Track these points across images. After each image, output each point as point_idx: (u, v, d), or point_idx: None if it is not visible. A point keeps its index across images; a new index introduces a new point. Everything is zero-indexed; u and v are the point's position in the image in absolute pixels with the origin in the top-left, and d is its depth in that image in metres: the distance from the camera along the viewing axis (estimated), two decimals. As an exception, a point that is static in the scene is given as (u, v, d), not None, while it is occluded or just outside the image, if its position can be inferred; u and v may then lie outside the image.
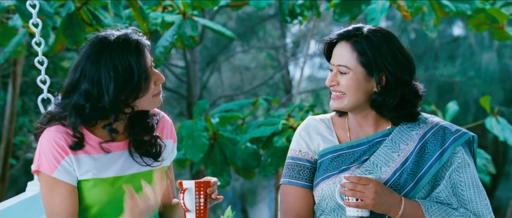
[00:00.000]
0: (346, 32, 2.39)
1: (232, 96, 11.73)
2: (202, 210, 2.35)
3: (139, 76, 2.30)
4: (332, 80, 2.39)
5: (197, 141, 5.12)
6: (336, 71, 2.39)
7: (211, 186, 2.33)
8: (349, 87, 2.37)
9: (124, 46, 2.31)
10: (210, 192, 2.32)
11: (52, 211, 2.34)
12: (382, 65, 2.35)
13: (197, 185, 2.33)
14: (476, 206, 2.36)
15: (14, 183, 8.53)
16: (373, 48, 2.35)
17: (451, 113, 5.13)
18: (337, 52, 2.40)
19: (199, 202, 2.34)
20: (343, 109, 2.42)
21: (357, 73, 2.36)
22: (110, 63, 2.30)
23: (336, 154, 2.43)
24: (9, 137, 6.86)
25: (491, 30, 5.12)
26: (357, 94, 2.37)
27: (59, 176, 2.32)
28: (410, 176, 2.36)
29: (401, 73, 2.35)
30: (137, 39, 2.34)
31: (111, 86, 2.30)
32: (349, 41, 2.38)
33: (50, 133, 2.33)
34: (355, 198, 2.28)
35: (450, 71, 10.54)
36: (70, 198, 2.33)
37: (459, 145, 2.37)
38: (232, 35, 5.10)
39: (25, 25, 4.48)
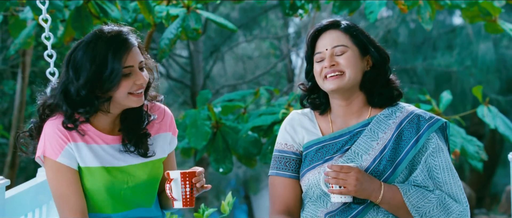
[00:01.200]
0: (333, 21, 2.52)
1: (235, 85, 11.63)
2: (188, 198, 2.40)
3: (111, 71, 2.33)
4: (331, 60, 2.46)
5: (200, 130, 5.14)
6: (331, 53, 2.47)
7: (197, 176, 2.38)
8: (350, 63, 2.45)
9: (109, 41, 2.36)
10: (195, 181, 2.38)
11: (61, 195, 2.40)
12: (369, 46, 2.49)
13: (183, 175, 2.38)
14: (450, 188, 2.44)
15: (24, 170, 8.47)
16: (359, 32, 2.50)
17: (445, 102, 5.18)
18: (328, 38, 2.49)
19: (185, 191, 2.39)
20: (342, 88, 2.47)
21: (354, 50, 2.47)
22: (91, 54, 2.34)
23: (320, 145, 2.51)
24: (18, 125, 6.83)
25: (484, 23, 5.15)
26: (355, 71, 2.46)
27: (63, 161, 2.39)
28: (389, 163, 2.44)
29: (381, 53, 2.51)
30: (125, 38, 2.38)
31: (83, 74, 2.33)
32: (337, 28, 2.49)
33: (53, 122, 2.40)
34: (338, 185, 2.36)
35: (447, 60, 10.48)
36: (76, 181, 2.40)
37: (433, 131, 2.46)
38: (234, 27, 5.11)
39: (36, 18, 4.52)
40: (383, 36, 11.04)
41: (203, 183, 2.41)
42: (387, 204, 2.38)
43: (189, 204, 2.41)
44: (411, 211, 2.38)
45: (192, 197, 2.40)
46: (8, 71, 8.37)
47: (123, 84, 2.36)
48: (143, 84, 2.39)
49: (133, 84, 2.37)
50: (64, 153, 2.39)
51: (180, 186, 2.39)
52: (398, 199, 2.38)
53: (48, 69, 3.23)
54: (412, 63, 10.99)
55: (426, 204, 2.39)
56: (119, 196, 2.45)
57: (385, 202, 2.38)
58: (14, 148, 6.64)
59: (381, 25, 11.06)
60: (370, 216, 2.42)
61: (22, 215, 2.73)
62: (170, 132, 2.58)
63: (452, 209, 2.40)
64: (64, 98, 2.37)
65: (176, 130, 2.63)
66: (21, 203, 2.72)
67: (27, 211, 2.79)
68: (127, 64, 2.35)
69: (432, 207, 2.39)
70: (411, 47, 10.98)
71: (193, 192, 2.40)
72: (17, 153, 6.66)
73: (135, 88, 2.38)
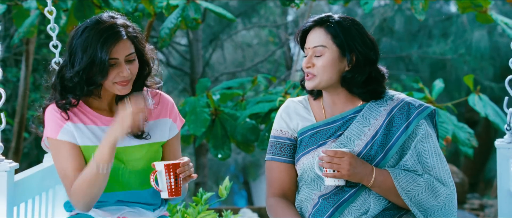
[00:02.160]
0: (319, 18, 2.56)
1: (234, 73, 11.63)
2: (173, 189, 2.45)
3: (99, 62, 2.42)
4: (308, 62, 2.54)
5: (199, 117, 5.18)
6: (312, 53, 2.53)
7: (181, 167, 2.45)
8: (325, 66, 2.50)
9: (100, 32, 2.44)
10: (179, 172, 2.44)
11: (62, 169, 2.49)
12: (352, 45, 2.50)
13: (166, 167, 2.43)
14: (438, 172, 2.52)
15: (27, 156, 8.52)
16: (344, 31, 2.51)
17: (437, 90, 5.24)
18: (312, 36, 2.54)
19: (170, 182, 2.44)
20: (317, 88, 2.55)
21: (332, 52, 2.50)
22: (84, 43, 2.44)
23: (314, 131, 2.58)
24: (22, 112, 6.87)
25: (475, 13, 5.21)
26: (330, 74, 2.51)
27: (62, 137, 2.49)
28: (380, 148, 2.51)
29: (368, 52, 2.52)
30: (116, 31, 2.46)
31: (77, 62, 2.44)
32: (322, 26, 2.53)
33: (52, 105, 2.53)
34: (332, 169, 2.44)
35: (442, 48, 10.50)
36: (74, 155, 2.48)
37: (422, 118, 2.53)
38: (232, 17, 5.13)
39: (40, 7, 4.62)
40: (379, 25, 10.99)
41: (188, 173, 2.47)
42: (378, 187, 2.47)
43: (174, 194, 2.46)
44: (401, 194, 2.46)
45: (177, 188, 2.45)
46: (11, 58, 8.41)
47: (109, 73, 2.46)
48: (127, 76, 2.47)
49: (117, 75, 2.47)
50: (63, 131, 2.49)
51: (164, 177, 2.44)
52: (388, 183, 2.46)
53: (54, 59, 3.31)
54: (408, 50, 10.97)
55: (415, 187, 2.47)
56: (115, 177, 2.53)
57: (376, 185, 2.47)
58: (18, 134, 6.72)
59: (377, 14, 11.02)
60: (361, 199, 2.50)
61: (29, 198, 2.83)
62: (170, 118, 2.65)
63: (440, 192, 2.49)
64: (60, 81, 2.50)
65: (178, 118, 2.69)
66: (29, 187, 2.81)
67: (34, 195, 2.88)
68: (112, 56, 2.44)
69: (421, 190, 2.47)
70: (407, 35, 10.98)
71: (178, 182, 2.46)
72: (21, 139, 6.76)
73: (118, 79, 2.47)
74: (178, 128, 2.69)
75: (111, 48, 2.44)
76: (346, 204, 2.50)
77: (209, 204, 3.72)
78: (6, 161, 2.58)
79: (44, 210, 3.00)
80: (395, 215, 2.53)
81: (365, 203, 2.51)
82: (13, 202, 2.60)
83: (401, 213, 2.54)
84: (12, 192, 2.58)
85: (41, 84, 2.65)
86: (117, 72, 2.47)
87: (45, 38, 8.80)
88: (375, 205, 2.50)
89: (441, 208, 2.51)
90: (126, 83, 2.49)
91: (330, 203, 2.51)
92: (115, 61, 2.45)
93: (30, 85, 7.52)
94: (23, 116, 6.90)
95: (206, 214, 3.56)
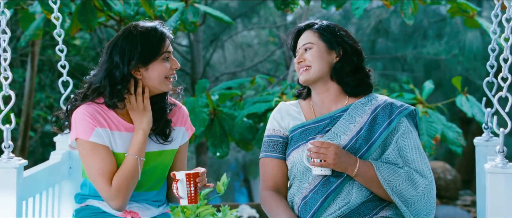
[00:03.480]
0: (309, 22, 2.81)
1: (235, 73, 11.69)
2: (193, 196, 2.58)
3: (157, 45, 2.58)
4: (299, 57, 2.75)
5: (198, 116, 5.25)
6: (302, 51, 2.76)
7: (200, 176, 2.58)
8: (314, 57, 2.71)
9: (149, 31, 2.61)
10: (198, 181, 2.57)
11: (97, 169, 2.55)
12: (339, 39, 2.74)
13: (187, 176, 2.56)
14: (417, 165, 2.66)
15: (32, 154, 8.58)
16: (330, 29, 2.76)
17: (427, 91, 5.37)
18: (301, 38, 2.78)
19: (190, 190, 2.57)
20: (310, 80, 2.74)
21: (320, 46, 2.73)
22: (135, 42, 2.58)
23: (304, 128, 2.74)
24: (28, 111, 6.96)
25: (463, 18, 5.33)
26: (320, 64, 2.71)
27: (95, 139, 2.56)
28: (364, 142, 2.67)
29: (353, 44, 2.75)
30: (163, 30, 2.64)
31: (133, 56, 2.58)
32: (311, 28, 2.78)
33: (82, 108, 2.60)
34: (319, 159, 2.59)
35: (436, 49, 10.60)
36: (109, 155, 2.57)
37: (403, 116, 2.69)
38: (229, 20, 5.23)
39: (45, 12, 4.67)
40: (374, 26, 11.06)
41: (205, 182, 2.62)
42: (361, 177, 2.61)
43: (193, 201, 2.58)
44: (383, 184, 2.60)
45: (196, 196, 2.58)
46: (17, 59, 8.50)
47: (162, 66, 2.61)
48: (179, 67, 2.67)
49: (170, 68, 2.64)
50: (95, 133, 2.57)
51: (185, 186, 2.56)
52: (371, 173, 2.61)
53: (59, 62, 3.41)
54: (403, 51, 11.06)
55: (396, 178, 2.61)
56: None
57: (359, 175, 2.61)
58: (24, 133, 6.80)
59: (373, 15, 11.11)
60: (346, 189, 2.64)
61: (37, 193, 2.92)
62: (183, 127, 2.79)
63: (419, 183, 2.63)
64: (109, 81, 2.61)
65: (190, 127, 2.82)
66: (37, 182, 2.90)
67: (42, 190, 2.98)
68: (166, 50, 2.62)
69: (401, 181, 2.61)
70: (402, 36, 11.06)
71: (197, 190, 2.59)
72: (27, 138, 6.86)
73: (170, 73, 2.65)
74: (188, 137, 2.82)
75: (164, 43, 2.61)
76: (334, 195, 2.63)
77: (208, 200, 3.85)
78: (15, 158, 2.68)
79: (51, 204, 3.11)
80: (377, 207, 2.67)
81: (349, 194, 2.64)
82: (22, 196, 2.70)
83: (383, 204, 2.67)
84: (21, 187, 2.68)
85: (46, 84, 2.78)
86: (170, 65, 2.63)
87: (49, 39, 8.88)
88: (357, 195, 2.64)
89: (420, 198, 2.63)
90: (173, 80, 2.67)
91: (319, 195, 2.65)
92: (168, 54, 2.63)
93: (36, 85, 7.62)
94: (29, 116, 6.99)
95: (204, 209, 3.71)
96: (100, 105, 2.65)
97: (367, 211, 2.65)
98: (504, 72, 2.73)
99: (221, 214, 3.77)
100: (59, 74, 8.60)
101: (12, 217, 2.62)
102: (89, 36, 9.65)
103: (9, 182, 2.62)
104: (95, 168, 2.57)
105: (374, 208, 2.67)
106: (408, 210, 2.63)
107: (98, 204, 2.70)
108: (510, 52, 2.78)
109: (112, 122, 2.65)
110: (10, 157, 2.67)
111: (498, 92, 2.73)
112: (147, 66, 2.61)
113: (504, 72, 2.73)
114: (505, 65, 2.74)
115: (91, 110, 2.61)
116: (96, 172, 2.56)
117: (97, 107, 2.64)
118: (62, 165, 3.17)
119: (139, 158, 2.57)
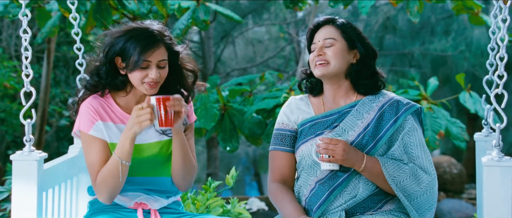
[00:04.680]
0: (329, 17, 2.82)
1: (245, 68, 11.67)
2: (163, 119, 2.59)
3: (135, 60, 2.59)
4: (320, 50, 2.75)
5: (209, 112, 5.30)
6: (322, 44, 2.75)
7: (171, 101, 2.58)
8: (335, 55, 2.72)
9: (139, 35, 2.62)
10: (169, 105, 2.58)
11: (90, 162, 2.66)
12: (359, 41, 2.76)
13: (157, 100, 2.59)
14: (421, 161, 2.71)
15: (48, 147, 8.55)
16: (351, 28, 2.78)
17: (432, 87, 5.40)
18: (322, 32, 2.78)
19: (160, 114, 2.59)
20: (327, 75, 2.74)
21: (342, 44, 2.74)
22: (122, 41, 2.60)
23: (313, 122, 2.79)
24: (44, 106, 7.04)
25: (468, 15, 5.36)
26: (340, 62, 2.73)
27: (94, 133, 2.66)
28: (371, 138, 2.71)
29: (370, 49, 2.78)
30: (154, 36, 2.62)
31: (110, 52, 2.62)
32: (332, 24, 2.79)
33: (86, 101, 2.70)
34: (328, 155, 2.64)
35: (443, 45, 10.57)
36: (103, 150, 2.65)
37: (409, 114, 2.74)
38: (239, 19, 5.27)
39: (61, 10, 4.73)
40: (382, 22, 11.04)
41: (179, 108, 2.60)
42: (368, 172, 2.66)
43: (165, 124, 2.61)
44: (388, 179, 2.65)
45: (167, 119, 2.59)
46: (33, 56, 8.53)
47: (139, 73, 2.62)
48: (155, 79, 2.63)
49: (146, 76, 2.63)
50: (95, 127, 2.66)
51: (156, 109, 2.59)
52: (377, 169, 2.65)
53: (77, 61, 3.46)
54: (410, 47, 11.00)
55: (401, 174, 2.66)
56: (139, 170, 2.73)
57: (366, 170, 2.65)
58: (40, 127, 6.88)
59: (381, 12, 11.10)
60: (352, 184, 2.70)
61: (56, 185, 3.01)
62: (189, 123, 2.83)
63: (422, 179, 2.68)
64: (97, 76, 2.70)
65: (191, 115, 2.85)
66: (56, 175, 2.98)
67: (60, 182, 3.05)
68: (147, 58, 2.61)
69: (406, 177, 2.66)
70: (410, 33, 11.05)
71: (168, 114, 2.60)
72: (43, 132, 6.95)
73: (147, 80, 2.64)
74: (190, 121, 2.83)
75: (147, 51, 2.60)
76: (340, 188, 2.68)
77: (218, 192, 3.93)
78: (36, 151, 2.75)
79: (69, 195, 3.19)
80: (381, 200, 2.73)
81: (355, 188, 2.69)
82: (42, 187, 2.79)
83: (387, 198, 2.74)
84: (42, 179, 2.76)
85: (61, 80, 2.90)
86: (147, 73, 2.62)
87: (64, 36, 8.94)
88: (364, 190, 2.69)
89: (423, 194, 2.68)
90: (154, 85, 2.64)
91: (326, 187, 2.70)
92: (148, 63, 2.61)
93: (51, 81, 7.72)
94: (45, 110, 7.06)
95: (214, 200, 3.78)
96: (106, 97, 2.73)
97: (372, 205, 2.71)
98: (500, 70, 2.79)
99: (230, 206, 3.82)
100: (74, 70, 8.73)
101: (33, 206, 2.71)
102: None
103: (30, 173, 2.70)
104: (89, 161, 2.68)
105: (378, 202, 2.73)
106: (410, 204, 2.68)
107: None
108: (506, 51, 2.87)
109: (116, 115, 2.72)
110: (31, 150, 2.75)
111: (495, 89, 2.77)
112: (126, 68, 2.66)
113: (500, 70, 2.79)
114: (501, 63, 2.80)
115: (95, 103, 2.70)
116: (89, 164, 2.68)
117: (103, 100, 2.72)
118: (80, 159, 3.22)
119: (121, 160, 2.61)
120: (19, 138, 8.89)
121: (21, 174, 2.71)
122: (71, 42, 9.17)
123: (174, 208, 2.88)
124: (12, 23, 8.96)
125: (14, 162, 2.73)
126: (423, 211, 2.71)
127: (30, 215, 2.70)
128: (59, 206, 3.08)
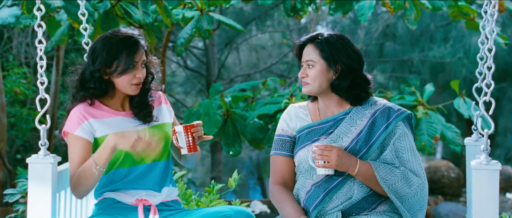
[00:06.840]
0: (311, 36, 2.87)
1: (249, 74, 11.75)
2: (191, 145, 2.80)
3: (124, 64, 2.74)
4: (302, 73, 2.86)
5: (212, 118, 5.35)
6: (306, 66, 2.84)
7: (195, 127, 2.80)
8: (315, 76, 2.80)
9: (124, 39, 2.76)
10: (194, 131, 2.80)
11: (70, 159, 2.78)
12: (337, 58, 2.80)
13: (185, 128, 2.79)
14: (412, 165, 2.78)
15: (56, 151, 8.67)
16: (330, 46, 2.80)
17: (428, 93, 5.45)
18: (305, 52, 2.86)
19: (188, 140, 2.81)
20: (310, 93, 2.86)
21: (321, 65, 2.80)
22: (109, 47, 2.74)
23: (310, 129, 2.87)
24: (53, 112, 7.16)
25: (465, 21, 5.39)
26: (320, 82, 2.81)
27: (79, 133, 2.77)
28: (364, 143, 2.78)
29: (351, 63, 2.80)
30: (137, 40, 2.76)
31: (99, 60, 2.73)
32: (313, 43, 2.84)
33: (77, 106, 2.82)
34: (323, 160, 2.72)
35: (442, 52, 10.61)
36: (84, 150, 2.77)
37: (400, 120, 2.81)
38: (241, 28, 5.33)
39: (70, 20, 4.80)
40: (382, 30, 11.08)
41: (201, 133, 2.83)
42: (361, 176, 2.74)
43: (192, 149, 2.81)
44: (380, 182, 2.72)
45: (194, 144, 2.81)
46: None
47: (127, 75, 2.77)
48: (142, 78, 2.79)
49: (134, 77, 2.79)
50: (81, 128, 2.77)
51: (183, 136, 2.79)
52: (370, 173, 2.73)
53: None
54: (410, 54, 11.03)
55: (392, 177, 2.74)
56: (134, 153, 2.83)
57: (360, 174, 2.73)
58: (49, 132, 6.95)
59: (381, 20, 11.15)
60: (347, 186, 2.78)
61: (68, 187, 3.02)
62: (165, 104, 3.00)
63: (413, 181, 2.75)
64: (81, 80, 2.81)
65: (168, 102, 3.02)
66: (69, 177, 2.92)
67: None
68: (135, 59, 2.76)
69: (397, 180, 2.74)
70: (409, 40, 11.07)
71: (195, 140, 2.82)
72: (52, 136, 7.01)
73: (135, 81, 2.80)
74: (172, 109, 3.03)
75: (135, 54, 2.75)
76: (335, 191, 2.77)
77: (220, 194, 4.00)
78: (50, 155, 2.83)
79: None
80: (375, 201, 2.81)
81: (350, 190, 2.78)
82: (56, 189, 2.85)
83: (381, 199, 2.82)
84: (55, 181, 2.83)
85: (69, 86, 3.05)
86: (135, 73, 2.77)
87: (72, 43, 9.10)
88: (359, 192, 2.77)
89: (414, 195, 2.76)
90: (140, 85, 2.80)
91: (321, 190, 2.78)
92: (135, 64, 2.76)
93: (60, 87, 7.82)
94: (54, 116, 7.14)
95: (217, 203, 3.86)
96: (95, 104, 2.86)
97: (367, 205, 2.78)
98: (488, 79, 2.90)
99: (232, 207, 3.93)
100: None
101: (48, 207, 2.78)
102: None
103: (45, 176, 2.78)
104: (70, 158, 2.79)
105: (373, 203, 2.80)
106: (402, 205, 2.75)
107: (113, 195, 2.88)
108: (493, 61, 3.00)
109: (106, 112, 2.85)
110: (45, 154, 2.83)
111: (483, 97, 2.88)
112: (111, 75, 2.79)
113: (488, 79, 2.90)
114: (488, 72, 2.91)
115: (85, 106, 2.82)
116: (70, 161, 2.79)
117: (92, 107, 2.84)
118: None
119: (96, 165, 2.69)
120: (28, 142, 8.97)
121: (37, 176, 2.78)
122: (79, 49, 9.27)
123: (173, 206, 2.97)
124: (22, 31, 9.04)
125: (30, 165, 2.80)
126: (414, 211, 2.77)
127: (45, 215, 2.78)
128: (71, 207, 3.14)
